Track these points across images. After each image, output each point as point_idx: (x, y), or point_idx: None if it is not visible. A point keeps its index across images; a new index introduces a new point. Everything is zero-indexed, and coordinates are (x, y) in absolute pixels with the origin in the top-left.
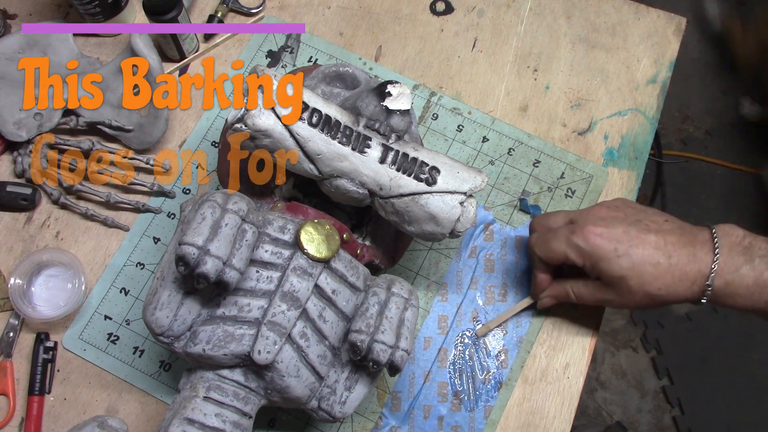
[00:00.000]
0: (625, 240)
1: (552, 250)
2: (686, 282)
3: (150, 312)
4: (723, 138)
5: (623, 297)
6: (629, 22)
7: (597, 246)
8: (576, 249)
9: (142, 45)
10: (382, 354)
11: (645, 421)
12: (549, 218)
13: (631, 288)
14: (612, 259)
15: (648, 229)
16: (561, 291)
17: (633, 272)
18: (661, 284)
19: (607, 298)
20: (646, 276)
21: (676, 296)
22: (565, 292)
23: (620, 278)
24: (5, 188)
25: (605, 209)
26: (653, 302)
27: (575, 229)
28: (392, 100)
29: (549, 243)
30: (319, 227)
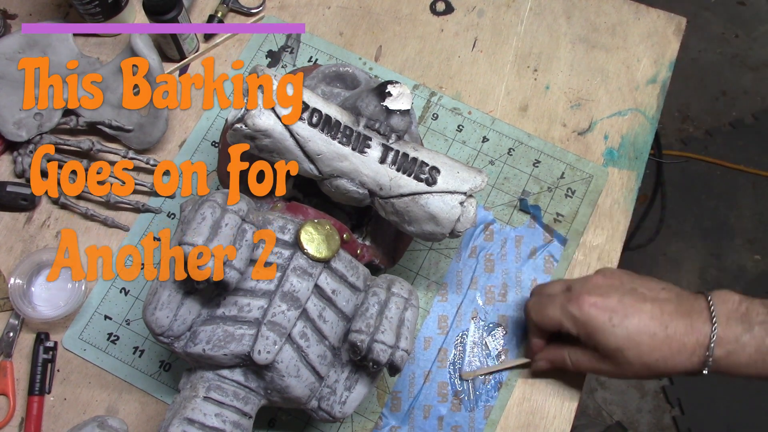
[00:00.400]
0: (620, 310)
1: (547, 316)
2: (685, 353)
3: (150, 312)
4: (723, 138)
5: (621, 368)
6: (629, 22)
7: (592, 316)
8: (571, 318)
9: (142, 45)
10: (382, 354)
11: (645, 421)
12: (547, 286)
13: (629, 359)
14: (607, 329)
15: (644, 299)
16: (558, 356)
17: (629, 343)
18: (658, 355)
19: (605, 369)
20: (643, 347)
21: (675, 367)
22: (562, 358)
23: (616, 349)
24: (5, 188)
25: (601, 278)
26: (652, 373)
27: (571, 297)
28: (392, 100)
29: (544, 309)
30: (319, 227)
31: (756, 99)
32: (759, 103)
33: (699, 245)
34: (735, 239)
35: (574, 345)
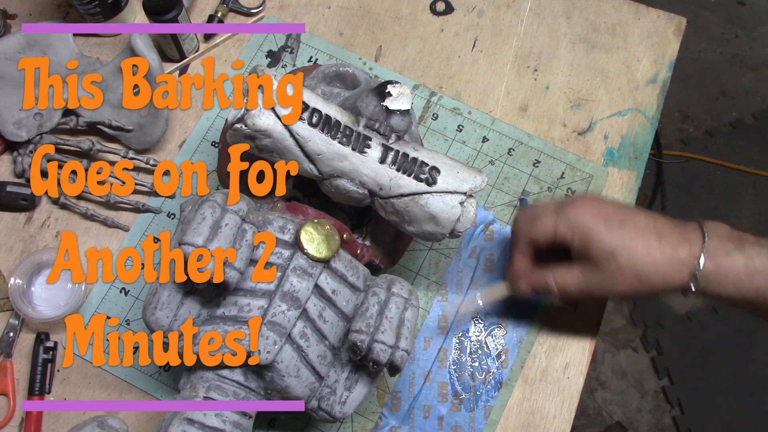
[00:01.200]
0: (615, 216)
1: (540, 225)
2: (676, 263)
3: (150, 312)
4: (723, 138)
5: (611, 278)
6: (629, 22)
7: (587, 219)
8: (566, 222)
9: (142, 45)
10: (382, 354)
11: (645, 421)
12: (537, 206)
13: (621, 265)
14: (603, 231)
15: (638, 211)
16: (541, 280)
17: (623, 247)
18: (650, 262)
19: (593, 283)
20: (637, 252)
21: (665, 279)
22: (545, 281)
23: (610, 253)
24: (5, 188)
25: (595, 196)
26: (641, 285)
27: (566, 204)
28: (392, 100)
29: (537, 219)
30: (319, 227)
31: (756, 99)
32: (759, 103)
33: None
34: None
35: (558, 265)
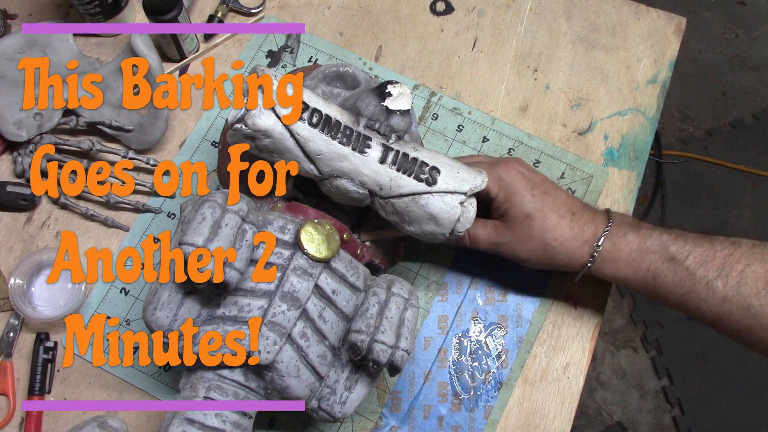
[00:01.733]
0: (541, 185)
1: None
2: (580, 240)
3: (150, 312)
4: (723, 138)
5: (520, 241)
6: (629, 22)
7: (516, 180)
8: (496, 178)
9: (142, 45)
10: (382, 354)
11: (645, 421)
12: (472, 156)
13: (532, 230)
14: (525, 195)
15: (561, 189)
16: None
17: (539, 214)
18: (558, 235)
19: (501, 241)
20: (549, 222)
21: (567, 252)
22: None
23: (526, 216)
24: (5, 188)
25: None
26: (545, 254)
27: (500, 162)
28: (392, 100)
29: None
30: (319, 227)
31: (756, 99)
32: (759, 103)
33: None
34: None
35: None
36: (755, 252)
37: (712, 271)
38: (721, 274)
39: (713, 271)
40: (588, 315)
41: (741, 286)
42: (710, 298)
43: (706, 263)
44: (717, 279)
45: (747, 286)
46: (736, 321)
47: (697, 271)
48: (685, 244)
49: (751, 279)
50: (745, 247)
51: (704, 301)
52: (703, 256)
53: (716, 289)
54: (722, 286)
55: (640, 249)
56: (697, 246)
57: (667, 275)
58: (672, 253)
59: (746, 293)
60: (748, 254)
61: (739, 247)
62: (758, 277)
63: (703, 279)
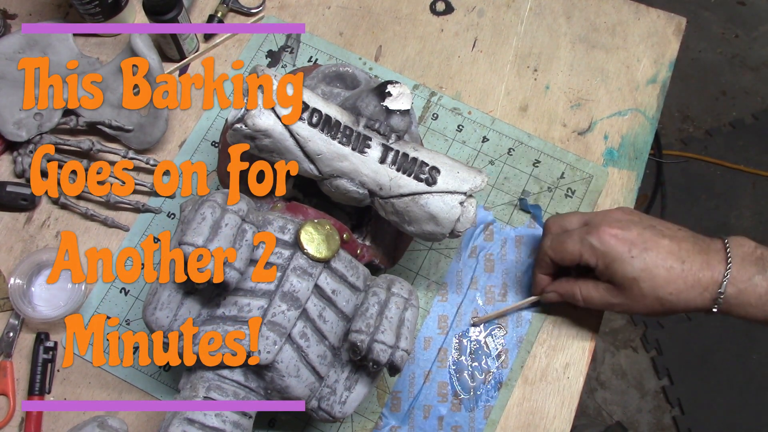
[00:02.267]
0: (639, 242)
1: (567, 250)
2: (698, 288)
3: (150, 312)
4: (723, 138)
5: (633, 301)
6: (629, 22)
7: (611, 246)
8: (591, 249)
9: (142, 45)
10: (382, 354)
11: (645, 421)
12: (564, 219)
13: (643, 291)
14: (626, 260)
15: (662, 234)
16: (568, 289)
17: (646, 274)
18: (672, 288)
19: (616, 302)
20: (659, 279)
21: (687, 303)
22: (572, 291)
23: (632, 280)
24: (5, 188)
25: (620, 212)
26: (663, 308)
27: (590, 230)
28: (392, 100)
29: (564, 244)
30: (319, 227)
31: (756, 99)
32: (759, 103)
33: None
34: None
35: (585, 279)
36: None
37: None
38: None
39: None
40: (588, 315)
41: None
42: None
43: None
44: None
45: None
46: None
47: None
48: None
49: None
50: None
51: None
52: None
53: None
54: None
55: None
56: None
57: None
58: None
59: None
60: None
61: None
62: None
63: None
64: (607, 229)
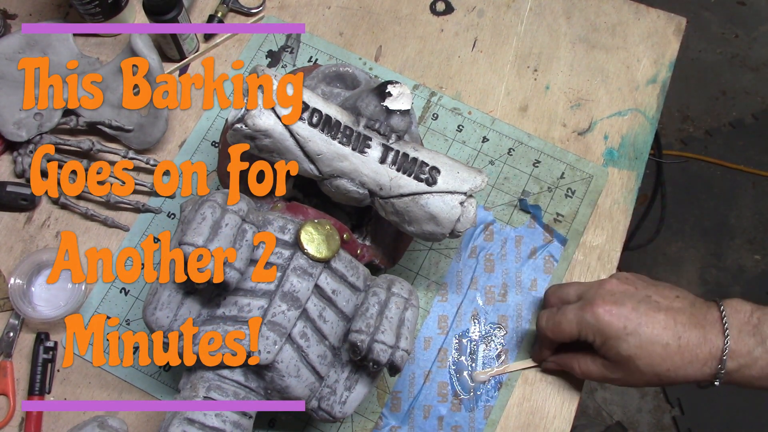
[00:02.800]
0: (634, 318)
1: (562, 330)
2: (697, 364)
3: (150, 312)
4: (723, 138)
5: (631, 376)
6: (629, 22)
7: (606, 323)
8: (587, 326)
9: (142, 45)
10: (382, 354)
11: (645, 421)
12: (562, 290)
13: (639, 368)
14: (621, 337)
15: (658, 307)
16: (567, 362)
17: (641, 352)
18: (669, 365)
19: (614, 377)
20: (655, 357)
21: (686, 377)
22: (571, 365)
23: (628, 358)
24: (5, 188)
25: (616, 283)
26: (662, 382)
27: (585, 306)
28: (392, 100)
29: (560, 324)
30: (319, 227)
31: (756, 99)
32: (759, 103)
33: (699, 245)
34: (735, 239)
35: (584, 353)
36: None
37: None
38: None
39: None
40: None
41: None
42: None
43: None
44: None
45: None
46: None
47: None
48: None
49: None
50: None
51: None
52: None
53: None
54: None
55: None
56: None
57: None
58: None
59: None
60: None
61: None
62: None
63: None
64: (601, 304)
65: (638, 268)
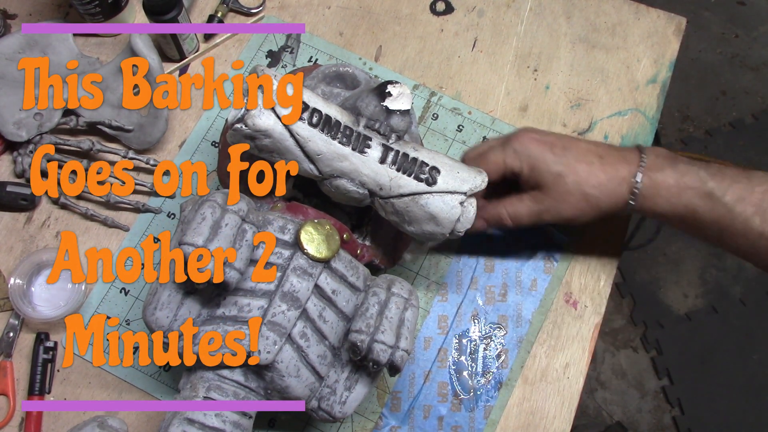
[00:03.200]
0: (559, 143)
1: (489, 161)
2: (617, 179)
3: (150, 312)
4: (723, 138)
5: (560, 201)
6: (629, 22)
7: (533, 148)
8: (514, 153)
9: (142, 45)
10: (382, 354)
11: (645, 421)
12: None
13: (568, 186)
14: (548, 157)
15: (578, 139)
16: (494, 213)
17: (569, 169)
18: (595, 181)
19: (543, 208)
20: (582, 173)
21: (608, 197)
22: (498, 214)
23: (557, 176)
24: (5, 188)
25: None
26: (588, 204)
27: (510, 138)
28: (392, 100)
29: (486, 155)
30: (319, 227)
31: (756, 99)
32: (759, 103)
33: (699, 245)
34: None
35: (508, 197)
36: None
37: (750, 206)
38: (758, 209)
39: (751, 206)
40: (588, 315)
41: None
42: (748, 234)
43: (743, 199)
44: (755, 215)
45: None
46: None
47: (735, 208)
48: (723, 180)
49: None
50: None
51: (742, 236)
52: (741, 192)
53: (754, 226)
54: (759, 223)
55: (678, 185)
56: (735, 182)
57: (705, 212)
58: (710, 188)
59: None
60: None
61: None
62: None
63: (740, 215)
64: (527, 134)
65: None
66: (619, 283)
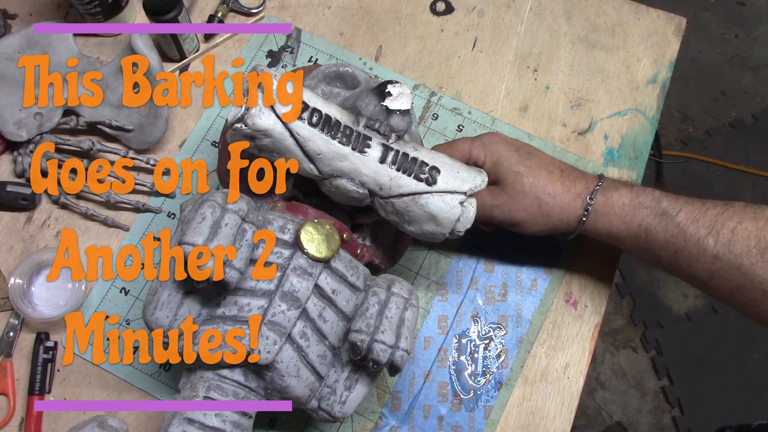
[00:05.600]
0: (525, 148)
1: (456, 147)
2: (572, 193)
3: (150, 312)
4: (723, 138)
5: (514, 199)
6: (629, 22)
7: (500, 145)
8: (481, 145)
9: (142, 45)
10: (382, 354)
11: (645, 421)
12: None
13: (524, 187)
14: (512, 156)
15: (543, 151)
16: None
17: (529, 171)
18: (551, 190)
19: (496, 203)
20: (540, 178)
21: (561, 209)
22: None
23: (516, 174)
24: (5, 188)
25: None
26: (540, 210)
27: (481, 135)
28: (392, 100)
29: (454, 143)
30: (319, 227)
31: (756, 99)
32: (759, 103)
33: None
34: None
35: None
36: (747, 211)
37: (703, 228)
38: (712, 231)
39: (704, 228)
40: (588, 315)
41: (732, 244)
42: (701, 256)
43: (697, 220)
44: (708, 236)
45: (738, 245)
46: (727, 280)
47: (688, 228)
48: (677, 201)
49: (742, 237)
50: (737, 206)
51: (695, 258)
52: (694, 213)
53: (707, 247)
54: (713, 244)
55: (632, 204)
56: (688, 203)
57: (658, 231)
58: (664, 208)
59: (737, 252)
60: (740, 213)
61: (731, 207)
62: (749, 236)
63: (694, 236)
64: (498, 134)
65: (638, 268)
66: (619, 283)
